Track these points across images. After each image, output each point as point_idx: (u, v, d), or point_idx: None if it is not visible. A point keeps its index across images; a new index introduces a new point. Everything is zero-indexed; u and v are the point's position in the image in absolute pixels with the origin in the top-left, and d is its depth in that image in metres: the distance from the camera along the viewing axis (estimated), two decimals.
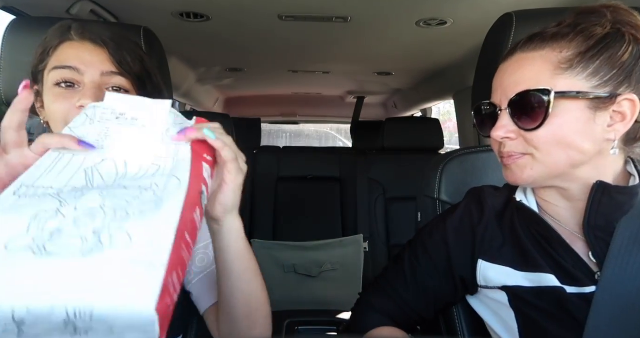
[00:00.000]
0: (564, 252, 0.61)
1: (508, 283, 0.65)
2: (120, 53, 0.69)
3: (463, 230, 0.71)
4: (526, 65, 0.59)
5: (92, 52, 0.67)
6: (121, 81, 0.69)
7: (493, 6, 1.29)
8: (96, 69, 0.66)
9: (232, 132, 2.15)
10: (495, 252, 0.67)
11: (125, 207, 0.45)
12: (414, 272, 0.74)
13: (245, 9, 1.40)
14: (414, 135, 2.30)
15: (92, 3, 1.29)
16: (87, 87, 0.66)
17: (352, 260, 2.04)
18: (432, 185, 0.92)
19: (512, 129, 0.61)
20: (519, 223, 0.67)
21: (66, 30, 0.69)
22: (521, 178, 0.62)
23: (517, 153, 0.61)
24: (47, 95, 0.67)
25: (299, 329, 1.45)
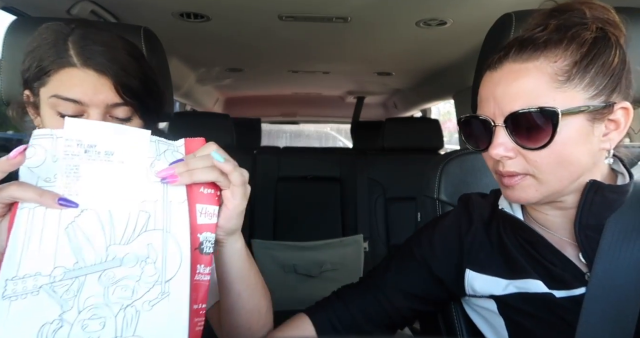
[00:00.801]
0: (551, 256, 0.61)
1: (496, 293, 0.64)
2: (124, 79, 0.65)
3: (449, 238, 0.71)
4: (520, 77, 0.55)
5: (96, 83, 0.64)
6: (125, 111, 0.67)
7: (493, 6, 1.29)
8: (101, 101, 0.64)
9: (232, 132, 2.15)
10: (483, 262, 0.67)
11: (132, 300, 0.40)
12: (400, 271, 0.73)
13: (245, 9, 1.40)
14: (414, 135, 2.30)
15: (92, 3, 1.29)
16: (92, 119, 0.63)
17: (352, 260, 2.04)
18: (432, 185, 0.92)
19: (510, 147, 0.57)
20: (504, 231, 0.67)
21: (64, 49, 0.63)
22: (526, 199, 0.59)
23: (518, 173, 0.58)
24: (48, 119, 0.65)
25: None
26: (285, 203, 2.22)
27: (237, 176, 0.52)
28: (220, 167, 0.51)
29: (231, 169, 0.52)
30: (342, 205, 2.24)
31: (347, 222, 2.21)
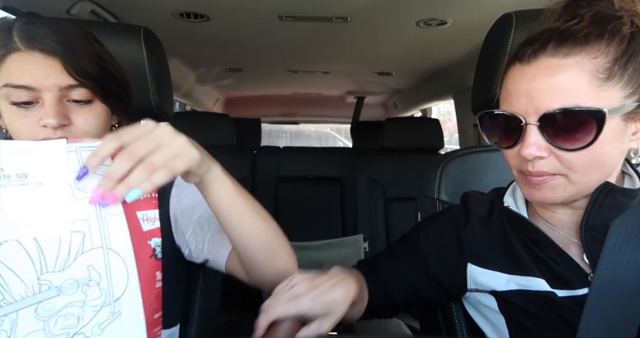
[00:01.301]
0: (555, 255, 0.61)
1: (497, 288, 0.64)
2: (75, 60, 0.62)
3: (446, 234, 0.71)
4: (559, 73, 0.52)
5: (44, 65, 0.61)
6: (82, 93, 0.64)
7: (493, 6, 1.29)
8: (53, 84, 0.61)
9: (232, 132, 2.15)
10: (485, 256, 0.67)
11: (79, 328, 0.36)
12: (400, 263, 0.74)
13: (245, 9, 1.40)
14: (414, 135, 2.30)
15: (92, 3, 1.29)
16: (47, 104, 0.61)
17: (352, 260, 2.02)
18: (432, 185, 0.92)
19: (543, 146, 0.54)
20: (509, 227, 0.66)
21: (8, 36, 0.61)
22: (552, 199, 0.58)
23: (548, 173, 0.55)
24: (4, 111, 0.63)
25: None
26: (285, 203, 2.22)
27: (142, 142, 0.49)
28: (100, 153, 0.47)
29: (130, 141, 0.48)
30: (342, 205, 2.24)
31: (347, 222, 2.21)
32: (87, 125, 0.65)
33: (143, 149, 0.50)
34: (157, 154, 0.50)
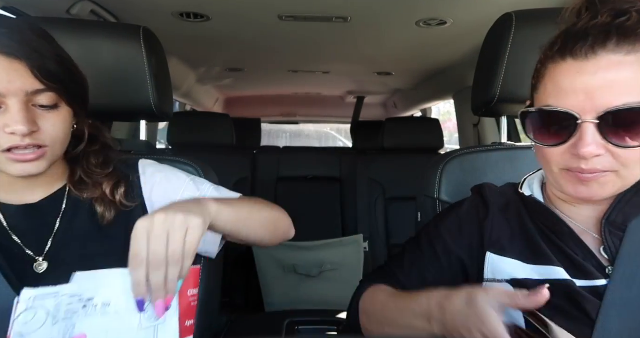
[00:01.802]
0: (574, 245, 0.61)
1: (516, 276, 0.64)
2: (40, 62, 0.59)
3: (469, 223, 0.71)
4: (623, 70, 0.51)
5: (8, 69, 0.57)
6: (49, 97, 0.61)
7: (493, 6, 1.29)
8: (19, 89, 0.58)
9: (232, 132, 2.15)
10: (504, 245, 0.67)
11: None
12: (415, 261, 0.73)
13: (245, 9, 1.40)
14: (414, 135, 2.30)
15: (92, 3, 1.29)
16: (13, 110, 0.58)
17: (352, 260, 2.04)
18: (432, 185, 0.92)
19: (600, 144, 0.54)
20: (527, 218, 0.67)
21: None
22: (601, 196, 0.57)
23: (602, 170, 0.55)
24: None
25: (299, 329, 1.45)
26: (285, 204, 2.19)
27: (154, 246, 0.55)
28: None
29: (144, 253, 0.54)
30: (342, 205, 2.24)
31: (347, 222, 2.21)
32: (54, 131, 0.63)
33: (161, 251, 0.54)
34: (172, 246, 0.55)
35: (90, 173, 0.73)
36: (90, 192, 0.72)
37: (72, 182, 0.73)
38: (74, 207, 0.73)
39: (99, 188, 0.73)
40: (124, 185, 0.74)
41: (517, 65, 0.83)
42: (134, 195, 0.75)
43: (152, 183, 0.77)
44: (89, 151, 0.74)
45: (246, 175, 2.19)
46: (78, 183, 0.73)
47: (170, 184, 0.78)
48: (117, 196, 0.73)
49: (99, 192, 0.72)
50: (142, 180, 0.77)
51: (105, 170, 0.74)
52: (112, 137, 0.80)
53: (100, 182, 0.73)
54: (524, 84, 0.83)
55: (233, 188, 0.85)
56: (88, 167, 0.73)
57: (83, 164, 0.73)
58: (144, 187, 0.77)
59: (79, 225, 0.72)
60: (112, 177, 0.74)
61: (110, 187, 0.73)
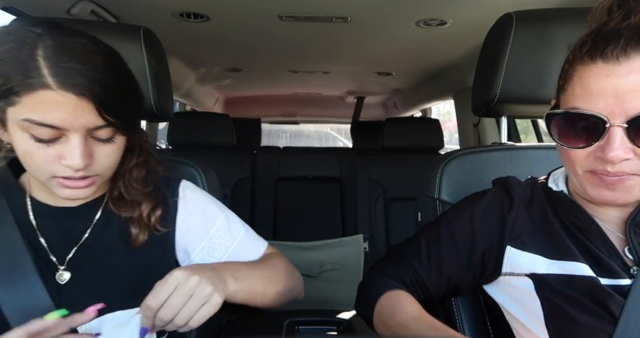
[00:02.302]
0: (600, 243, 0.61)
1: (537, 271, 0.63)
2: (107, 100, 0.58)
3: (491, 215, 0.70)
4: None
5: (76, 106, 0.56)
6: (108, 132, 0.62)
7: (493, 6, 1.29)
8: (82, 126, 0.58)
9: (232, 132, 2.14)
10: (526, 240, 0.66)
11: None
12: (433, 250, 0.72)
13: (245, 9, 1.40)
14: (414, 135, 2.30)
15: (92, 3, 1.29)
16: (72, 144, 0.58)
17: (352, 260, 2.04)
18: (432, 185, 0.92)
19: (629, 148, 0.53)
20: (552, 213, 0.66)
21: (34, 66, 0.55)
22: (626, 199, 0.57)
23: (628, 173, 0.55)
24: (19, 141, 0.59)
25: (299, 329, 1.45)
26: (285, 204, 2.22)
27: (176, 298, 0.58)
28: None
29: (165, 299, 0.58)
30: (342, 205, 2.24)
31: (347, 222, 2.21)
32: (107, 161, 0.64)
33: (174, 308, 0.57)
34: (185, 309, 0.58)
35: (130, 188, 0.72)
36: (127, 211, 0.72)
37: (112, 197, 0.72)
38: (107, 219, 0.72)
39: (136, 208, 0.72)
40: (161, 208, 0.74)
41: (517, 65, 0.83)
42: (169, 219, 0.75)
43: (189, 212, 0.77)
44: (134, 163, 0.72)
45: (246, 175, 2.19)
46: (117, 199, 0.72)
47: (206, 219, 0.78)
48: (153, 219, 0.72)
49: (137, 213, 0.71)
50: (180, 205, 0.77)
51: (145, 187, 0.73)
52: (151, 140, 0.79)
53: (138, 201, 0.72)
54: (524, 84, 0.84)
55: (233, 188, 0.86)
56: (129, 182, 0.72)
57: (125, 177, 0.72)
58: (179, 212, 0.76)
59: (107, 239, 0.71)
60: (151, 198, 0.73)
61: (148, 209, 0.72)
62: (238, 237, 0.80)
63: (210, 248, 0.77)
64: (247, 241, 0.81)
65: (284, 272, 0.80)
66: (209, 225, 0.78)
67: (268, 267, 0.78)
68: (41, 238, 0.68)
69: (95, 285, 0.68)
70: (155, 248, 0.73)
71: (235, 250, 0.79)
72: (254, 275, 0.74)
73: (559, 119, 0.59)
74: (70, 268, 0.67)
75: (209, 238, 0.77)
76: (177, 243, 0.76)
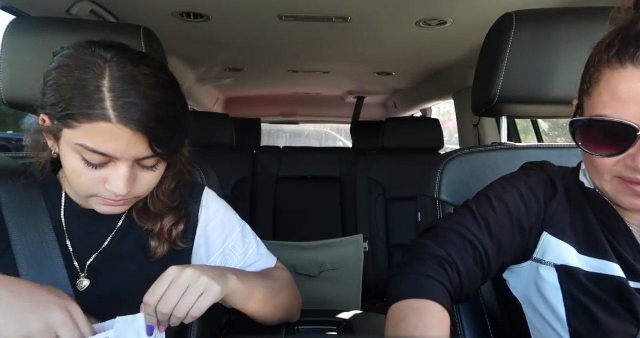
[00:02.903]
0: (627, 245, 0.60)
1: (567, 263, 0.62)
2: (161, 136, 0.60)
3: (536, 196, 0.67)
4: None
5: (130, 140, 0.58)
6: (154, 161, 0.64)
7: (493, 6, 1.29)
8: (132, 156, 0.61)
9: (232, 132, 2.14)
10: (564, 229, 0.64)
11: None
12: (490, 218, 0.64)
13: (245, 9, 1.40)
14: (414, 135, 2.30)
15: (92, 3, 1.28)
16: (120, 171, 0.60)
17: (352, 260, 2.04)
18: (432, 185, 0.92)
19: None
20: (589, 208, 0.65)
21: (98, 99, 0.56)
22: None
23: None
24: (70, 159, 0.61)
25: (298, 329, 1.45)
26: (285, 204, 2.22)
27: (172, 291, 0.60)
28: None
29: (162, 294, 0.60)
30: (342, 205, 2.24)
31: (347, 222, 2.21)
32: (148, 186, 0.67)
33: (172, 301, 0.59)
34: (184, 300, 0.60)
35: (157, 201, 0.73)
36: (149, 224, 0.73)
37: (136, 208, 0.73)
38: (129, 227, 0.73)
39: (159, 222, 0.73)
40: (184, 223, 0.75)
41: (517, 65, 0.83)
42: (190, 231, 0.76)
43: (209, 221, 0.79)
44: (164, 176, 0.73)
45: (246, 175, 2.18)
46: (141, 211, 0.73)
47: (223, 230, 0.80)
48: (174, 234, 0.73)
49: (158, 227, 0.72)
50: (202, 213, 0.78)
51: (171, 202, 0.74)
52: (189, 150, 0.78)
53: (162, 215, 0.73)
54: (524, 84, 0.84)
55: (233, 188, 0.87)
56: (157, 194, 0.73)
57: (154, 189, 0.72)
58: (200, 220, 0.78)
59: (127, 246, 0.72)
60: (175, 213, 0.74)
61: (170, 224, 0.73)
62: (250, 251, 0.81)
63: (223, 259, 0.79)
64: (258, 255, 0.83)
65: (287, 288, 0.82)
66: (226, 237, 0.79)
67: (272, 279, 0.79)
68: (68, 241, 0.69)
69: (111, 292, 0.69)
70: (173, 257, 0.74)
71: (246, 264, 0.80)
72: (256, 282, 0.74)
73: (584, 126, 0.57)
74: (89, 274, 0.69)
75: (224, 250, 0.79)
76: (194, 252, 0.77)
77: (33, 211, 0.68)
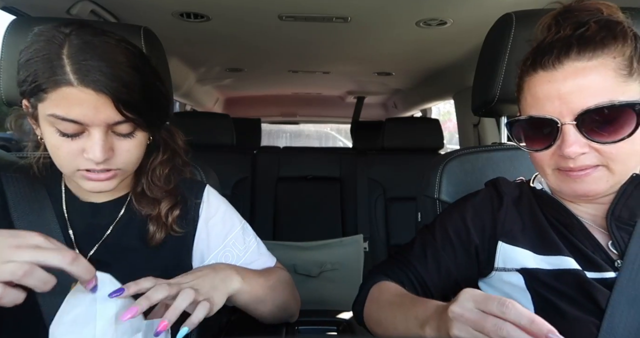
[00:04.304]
0: (583, 238, 0.64)
1: (527, 266, 0.66)
2: (125, 96, 0.61)
3: (483, 211, 0.73)
4: (588, 74, 0.57)
5: (95, 102, 0.59)
6: (128, 127, 0.64)
7: (493, 6, 1.29)
8: (102, 121, 0.61)
9: (232, 132, 2.14)
10: (516, 235, 0.69)
11: None
12: (429, 246, 0.74)
13: (245, 9, 1.40)
14: (414, 135, 2.30)
15: (92, 3, 1.29)
16: (94, 139, 0.61)
17: (352, 260, 2.04)
18: (432, 185, 0.92)
19: (583, 143, 0.58)
20: (539, 210, 0.69)
21: (59, 64, 0.58)
22: (596, 191, 0.60)
23: (591, 165, 0.59)
24: (48, 135, 0.63)
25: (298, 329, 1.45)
26: (285, 204, 2.22)
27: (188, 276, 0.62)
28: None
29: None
30: (342, 205, 2.24)
31: (347, 222, 2.21)
32: (127, 156, 0.66)
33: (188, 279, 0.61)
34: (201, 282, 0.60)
35: (153, 186, 0.74)
36: (148, 208, 0.74)
37: (135, 193, 0.75)
38: (129, 218, 0.74)
39: (157, 206, 0.74)
40: (179, 209, 0.75)
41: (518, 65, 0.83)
42: (187, 221, 0.77)
43: (210, 216, 0.79)
44: (158, 161, 0.75)
45: (246, 175, 2.19)
46: (139, 195, 0.74)
47: (224, 226, 0.80)
48: (170, 219, 0.74)
49: (156, 210, 0.74)
50: (202, 208, 0.79)
51: (167, 185, 0.75)
52: (183, 140, 0.81)
53: (159, 199, 0.74)
54: None
55: (233, 188, 0.87)
56: (152, 179, 0.74)
57: (148, 174, 0.74)
58: (202, 215, 0.79)
59: (128, 237, 0.73)
60: (171, 197, 0.75)
61: (166, 207, 0.74)
62: (250, 248, 0.82)
63: (223, 255, 0.79)
64: (258, 254, 0.83)
65: (288, 288, 0.83)
66: (227, 233, 0.80)
67: (273, 278, 0.80)
68: (70, 230, 0.71)
69: None
70: (173, 250, 0.75)
71: (246, 261, 0.81)
72: (260, 281, 0.75)
73: (520, 126, 0.65)
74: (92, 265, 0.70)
75: (224, 246, 0.79)
76: (194, 247, 0.78)
77: (39, 208, 0.70)
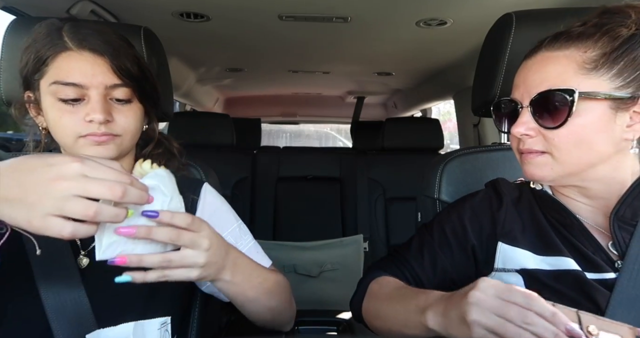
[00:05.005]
0: (584, 239, 0.64)
1: (527, 266, 0.66)
2: (119, 60, 0.68)
3: (482, 212, 0.73)
4: (550, 63, 0.61)
5: (93, 63, 0.67)
6: (124, 92, 0.70)
7: (493, 6, 1.29)
8: (100, 83, 0.67)
9: (232, 132, 2.14)
10: (516, 236, 0.69)
11: None
12: (425, 245, 0.75)
13: (245, 9, 1.40)
14: (414, 135, 2.30)
15: (92, 3, 1.29)
16: (93, 101, 0.67)
17: (352, 260, 2.04)
18: (432, 185, 0.92)
19: (532, 126, 0.62)
20: (538, 211, 0.70)
21: (58, 37, 0.67)
22: (540, 176, 0.64)
23: (536, 150, 0.63)
24: (50, 108, 0.68)
25: (299, 329, 1.45)
26: (285, 204, 2.22)
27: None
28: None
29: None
30: (342, 205, 2.24)
31: (347, 222, 2.21)
32: (126, 123, 0.71)
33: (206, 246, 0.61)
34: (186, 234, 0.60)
35: None
36: None
37: None
38: None
39: None
40: None
41: (517, 65, 0.83)
42: None
43: (205, 213, 0.80)
44: (153, 154, 0.81)
45: (246, 175, 2.19)
46: None
47: (220, 223, 0.79)
48: None
49: None
50: (199, 205, 0.80)
51: None
52: (179, 147, 0.86)
53: None
54: None
55: (233, 188, 0.87)
56: None
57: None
58: (198, 211, 0.80)
59: None
60: None
61: None
62: (246, 248, 0.82)
63: None
64: (254, 253, 0.82)
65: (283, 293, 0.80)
66: (222, 230, 0.78)
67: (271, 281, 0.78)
68: None
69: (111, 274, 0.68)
70: None
71: None
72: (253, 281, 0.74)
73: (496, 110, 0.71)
74: (89, 255, 0.71)
75: None
76: None
77: None
